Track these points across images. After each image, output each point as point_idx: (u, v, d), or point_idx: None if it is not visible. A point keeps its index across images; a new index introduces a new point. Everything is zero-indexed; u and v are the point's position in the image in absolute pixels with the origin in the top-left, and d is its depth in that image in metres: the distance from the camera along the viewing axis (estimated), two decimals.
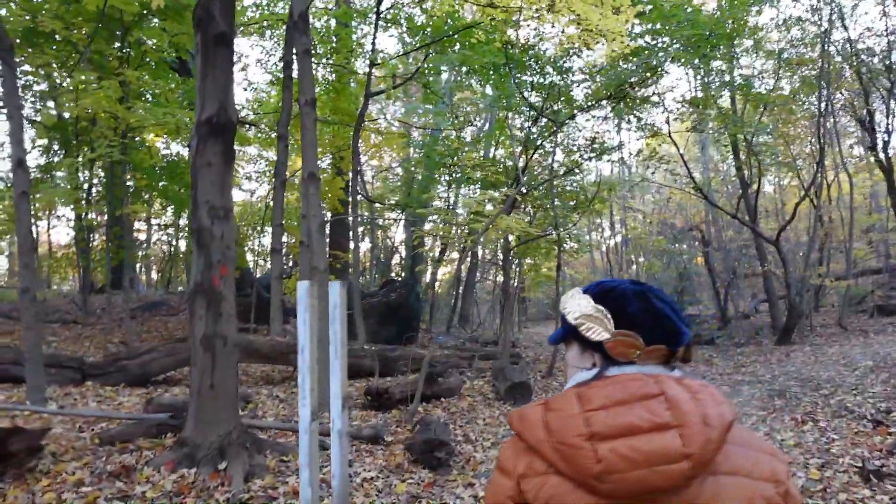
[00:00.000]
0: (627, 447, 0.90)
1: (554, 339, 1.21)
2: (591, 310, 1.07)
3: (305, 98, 6.88)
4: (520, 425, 1.02)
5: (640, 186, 29.20)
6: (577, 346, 1.11)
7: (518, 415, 1.04)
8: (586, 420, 0.94)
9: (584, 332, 1.06)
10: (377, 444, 5.37)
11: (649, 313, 1.06)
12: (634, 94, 11.87)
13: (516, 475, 0.99)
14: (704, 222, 24.91)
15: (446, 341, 16.86)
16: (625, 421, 0.92)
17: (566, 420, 0.95)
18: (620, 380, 1.00)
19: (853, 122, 22.79)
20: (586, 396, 0.98)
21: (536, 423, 0.98)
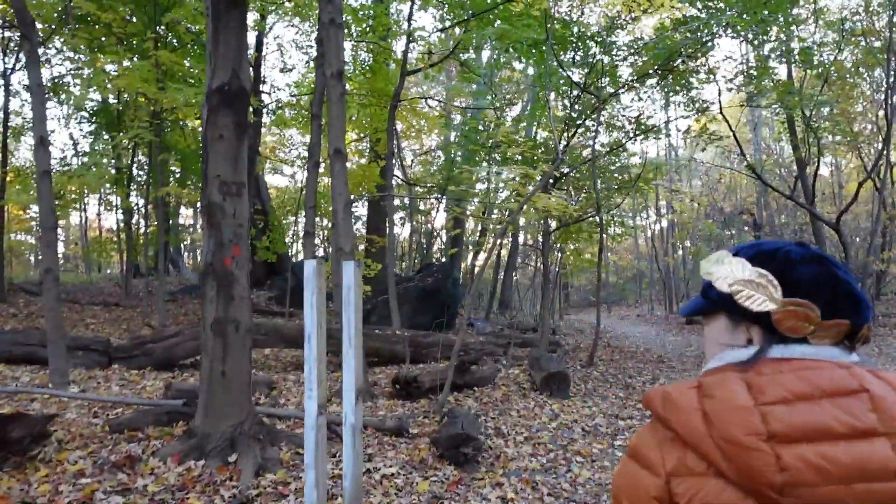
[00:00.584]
0: (820, 455, 0.73)
1: (689, 311, 1.00)
2: (751, 274, 0.88)
3: (332, 70, 6.53)
4: (665, 410, 0.83)
5: (687, 170, 28.16)
6: (727, 319, 0.92)
7: (661, 396, 0.85)
8: (763, 416, 0.76)
9: (743, 300, 0.88)
10: (401, 437, 5.03)
11: (826, 279, 0.86)
12: (684, 68, 11.14)
13: (665, 472, 0.81)
14: (755, 205, 23.82)
15: (484, 327, 16.50)
16: (815, 421, 0.75)
17: (734, 412, 0.77)
18: (798, 366, 0.81)
19: None
20: (757, 385, 0.79)
21: (690, 411, 0.80)
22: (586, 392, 7.78)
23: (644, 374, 9.26)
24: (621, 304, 34.17)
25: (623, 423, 6.15)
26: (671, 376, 9.07)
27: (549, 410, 6.61)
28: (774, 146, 27.04)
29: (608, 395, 7.60)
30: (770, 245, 0.93)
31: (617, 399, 7.40)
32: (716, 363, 0.91)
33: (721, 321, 0.94)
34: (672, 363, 10.44)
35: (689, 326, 17.90)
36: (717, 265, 0.94)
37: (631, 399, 7.41)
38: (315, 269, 3.28)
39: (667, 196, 26.39)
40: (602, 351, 12.12)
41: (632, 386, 8.27)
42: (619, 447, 5.32)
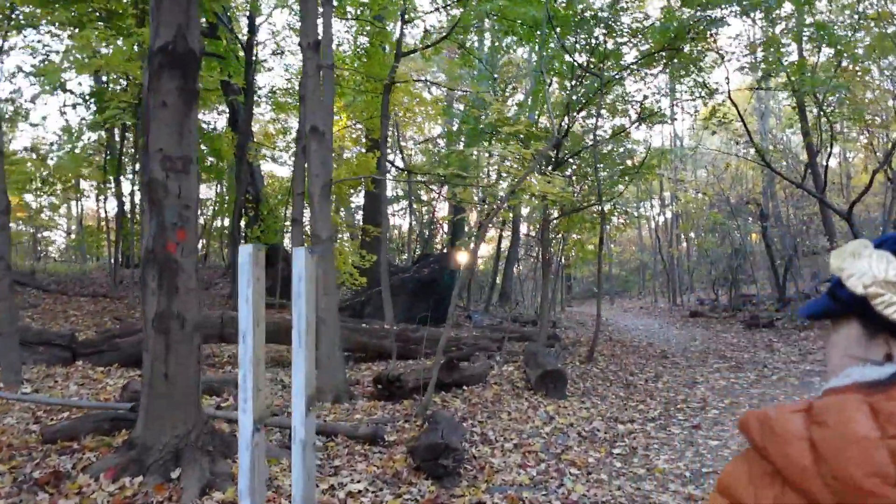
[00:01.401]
0: None
1: (811, 312, 0.81)
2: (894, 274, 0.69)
3: (308, 40, 5.99)
4: (763, 437, 0.67)
5: (693, 160, 27.52)
6: (860, 326, 0.74)
7: (759, 420, 0.68)
8: (892, 453, 0.59)
9: (882, 308, 0.69)
10: (376, 446, 4.53)
11: None
12: (690, 49, 10.56)
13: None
14: (763, 195, 23.20)
15: (482, 320, 16.00)
16: None
17: (852, 446, 0.60)
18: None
19: None
20: (887, 412, 0.61)
21: (794, 440, 0.64)
22: (584, 391, 7.27)
23: (646, 371, 8.74)
24: (624, 295, 33.64)
25: (623, 428, 5.63)
26: (675, 374, 8.55)
27: (544, 412, 6.11)
28: (781, 136, 26.39)
29: (608, 395, 7.08)
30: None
31: (617, 399, 6.89)
32: (839, 381, 0.73)
33: (853, 328, 0.76)
34: (676, 359, 9.92)
35: (693, 319, 17.37)
36: (851, 259, 0.76)
37: (632, 399, 6.90)
38: (251, 257, 2.75)
39: (671, 187, 25.81)
40: (603, 345, 11.60)
41: (633, 384, 7.75)
42: (617, 456, 4.81)
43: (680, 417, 6.05)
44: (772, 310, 16.38)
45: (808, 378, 7.77)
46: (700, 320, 16.85)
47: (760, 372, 8.35)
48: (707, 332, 13.89)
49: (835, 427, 0.63)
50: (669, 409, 6.40)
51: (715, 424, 5.73)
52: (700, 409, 6.36)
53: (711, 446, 5.01)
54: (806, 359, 9.23)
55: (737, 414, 6.05)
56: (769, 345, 10.91)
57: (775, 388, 7.32)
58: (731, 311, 17.66)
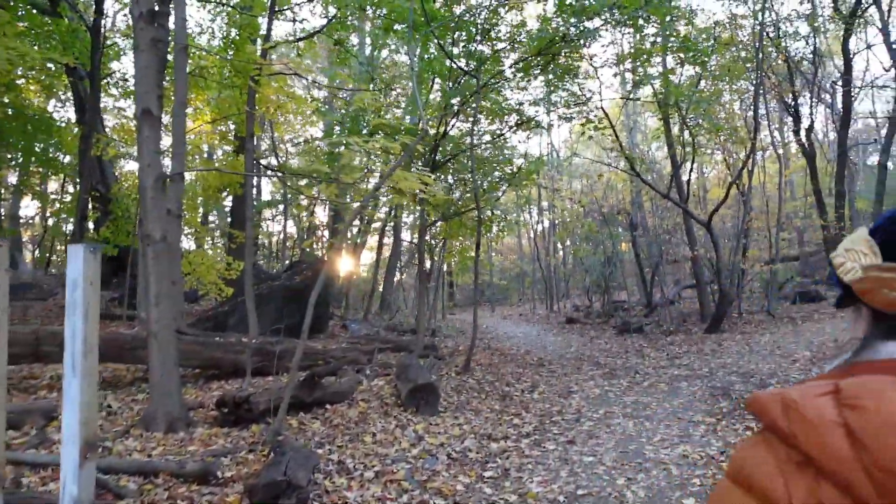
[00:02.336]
0: None
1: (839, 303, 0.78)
2: (856, 241, 0.71)
3: (140, 10, 5.12)
4: (790, 423, 0.60)
5: (568, 170, 28.50)
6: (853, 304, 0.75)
7: (784, 403, 0.61)
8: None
9: (843, 274, 0.71)
10: (207, 485, 3.79)
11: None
12: (566, 58, 10.61)
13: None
14: (632, 206, 24.36)
15: (359, 330, 15.32)
16: None
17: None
18: None
19: (774, 108, 22.71)
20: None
21: (826, 427, 0.58)
22: (459, 405, 6.84)
23: (523, 381, 8.50)
24: (505, 303, 34.16)
25: (496, 447, 5.23)
26: (551, 383, 8.38)
27: (412, 432, 5.59)
28: (647, 150, 27.96)
29: (483, 409, 6.70)
30: None
31: (492, 413, 6.52)
32: (836, 361, 0.71)
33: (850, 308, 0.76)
34: (552, 367, 9.81)
35: (569, 325, 17.70)
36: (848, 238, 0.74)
37: (507, 412, 6.56)
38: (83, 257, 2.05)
39: (549, 196, 26.51)
40: (481, 354, 11.34)
41: (509, 396, 7.45)
42: (488, 480, 4.38)
43: (555, 431, 5.76)
44: (641, 315, 17.04)
45: (677, 383, 7.84)
46: (576, 326, 17.19)
47: (632, 378, 8.36)
48: (582, 339, 14.10)
49: (874, 411, 0.57)
50: (545, 423, 6.11)
51: (590, 438, 5.48)
52: (575, 422, 6.12)
53: (586, 463, 4.72)
54: (673, 363, 9.43)
55: (611, 426, 5.87)
56: (640, 350, 11.13)
57: (647, 394, 7.28)
58: (604, 317, 18.21)
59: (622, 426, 5.83)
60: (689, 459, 4.67)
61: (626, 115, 29.25)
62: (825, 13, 19.62)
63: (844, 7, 17.78)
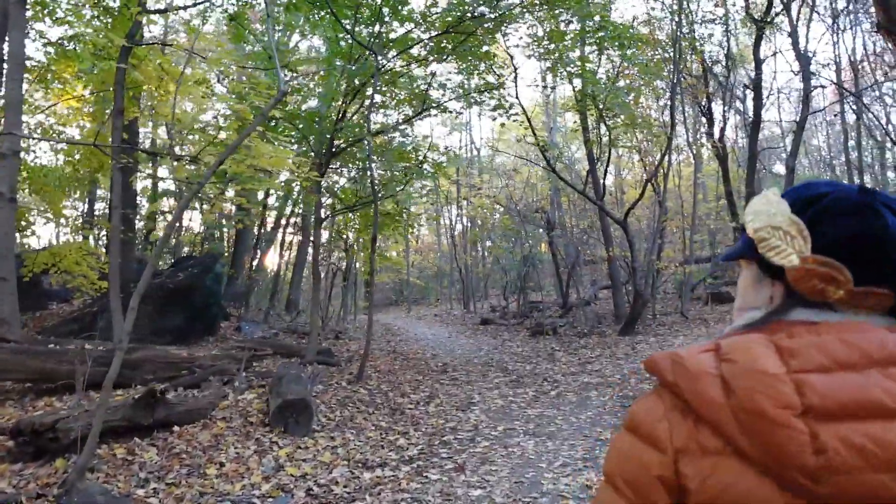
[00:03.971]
0: (867, 436, 0.60)
1: (727, 256, 0.86)
2: (782, 220, 0.74)
3: None
4: (675, 374, 0.69)
5: (490, 169, 28.01)
6: (756, 270, 0.79)
7: (671, 359, 0.71)
8: (797, 385, 0.62)
9: (764, 250, 0.74)
10: None
11: (869, 237, 0.71)
12: (479, 38, 9.84)
13: (673, 448, 0.67)
14: (550, 205, 24.10)
15: (254, 332, 14.03)
16: (862, 395, 0.62)
17: (761, 379, 0.63)
18: (841, 328, 0.68)
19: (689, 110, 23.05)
20: (789, 349, 0.66)
21: (705, 376, 0.67)
22: (339, 422, 5.88)
23: (421, 391, 7.64)
24: (423, 303, 33.35)
25: (369, 477, 4.32)
26: (452, 392, 7.55)
27: (272, 460, 4.60)
28: (566, 150, 27.90)
29: (366, 426, 5.77)
30: (816, 188, 0.77)
31: (376, 432, 5.60)
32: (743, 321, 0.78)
33: (752, 271, 0.80)
34: (456, 373, 9.01)
35: (483, 327, 17.05)
36: (759, 202, 0.78)
37: (394, 430, 5.66)
38: None
39: (466, 193, 25.90)
40: (383, 359, 10.41)
41: (401, 409, 6.55)
42: None
43: (444, 454, 4.91)
44: (556, 316, 16.61)
45: (586, 392, 7.19)
46: (490, 328, 16.54)
47: (540, 387, 7.66)
48: (494, 341, 13.43)
49: (743, 363, 0.65)
50: (434, 444, 5.25)
51: (482, 463, 4.66)
52: (469, 441, 5.29)
53: (472, 500, 3.89)
54: (585, 369, 8.82)
55: (509, 447, 5.07)
56: (551, 354, 10.52)
57: (553, 407, 6.57)
58: (519, 318, 17.67)
59: (522, 447, 5.04)
60: (592, 492, 3.93)
61: (547, 114, 29.16)
62: (737, 18, 19.95)
63: (756, 12, 18.04)
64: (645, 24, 16.90)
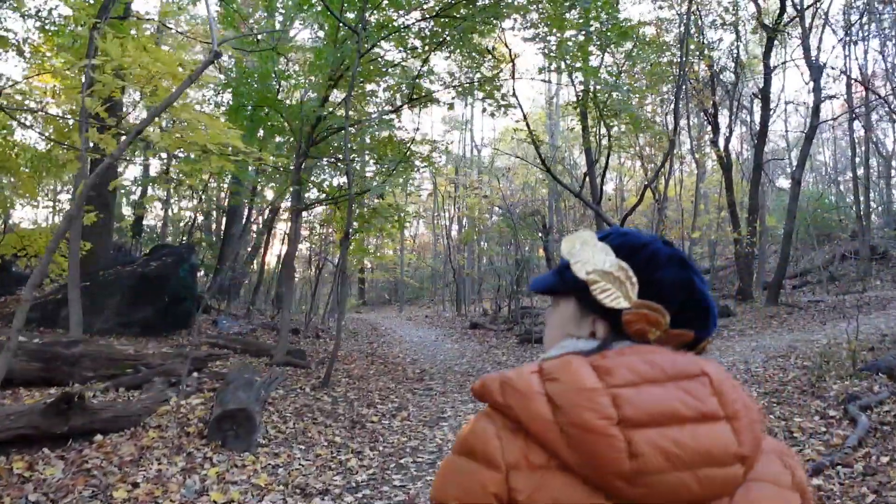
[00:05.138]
0: (670, 440, 0.68)
1: (540, 287, 0.92)
2: (612, 266, 0.81)
3: None
4: (505, 395, 0.74)
5: (490, 171, 27.39)
6: (576, 306, 0.85)
7: (499, 381, 0.76)
8: (613, 399, 0.70)
9: (598, 293, 0.80)
10: None
11: (685, 287, 0.82)
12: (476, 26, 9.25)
13: (505, 464, 0.71)
14: (548, 209, 23.52)
15: (231, 327, 13.45)
16: (664, 405, 0.70)
17: (583, 395, 0.70)
18: (641, 350, 0.77)
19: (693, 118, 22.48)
20: (603, 367, 0.73)
21: (532, 395, 0.72)
22: (290, 436, 5.28)
23: (390, 401, 7.03)
24: (416, 302, 32.75)
25: None
26: (423, 404, 6.95)
27: (196, 482, 3.99)
28: (567, 153, 27.33)
29: (318, 442, 5.16)
30: (637, 238, 0.86)
31: (327, 450, 4.99)
32: (556, 351, 0.83)
33: (570, 307, 0.86)
34: (433, 381, 8.41)
35: (472, 331, 16.46)
36: (583, 247, 0.85)
37: (347, 448, 5.05)
38: None
39: (462, 192, 25.32)
40: (361, 362, 9.83)
41: (363, 422, 5.95)
42: None
43: (396, 482, 4.31)
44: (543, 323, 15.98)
45: None
46: (478, 333, 15.95)
47: None
48: (480, 347, 12.83)
49: (566, 381, 0.72)
50: (389, 467, 4.64)
51: None
52: (429, 466, 4.68)
53: None
54: None
55: None
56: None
57: None
58: (509, 323, 17.06)
59: None
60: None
61: (549, 117, 28.60)
62: (748, 26, 19.37)
63: (768, 19, 17.45)
64: (651, 24, 16.34)
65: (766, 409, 5.68)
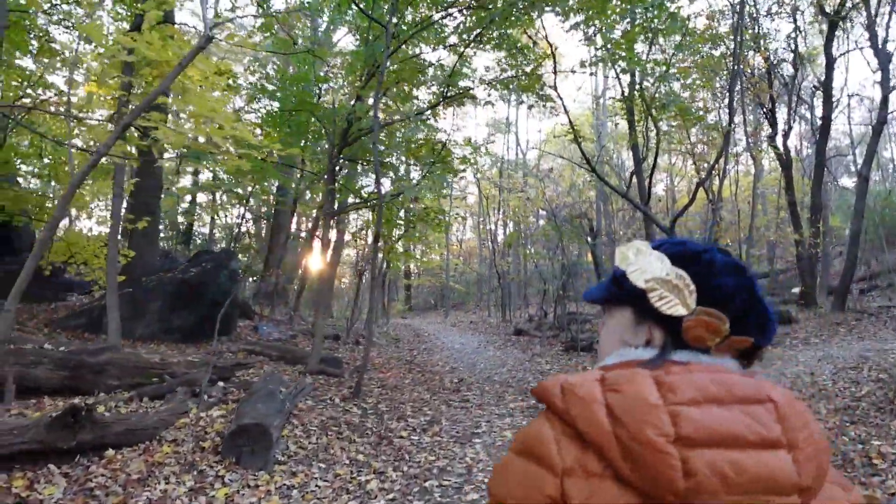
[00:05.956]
0: (729, 463, 0.66)
1: (595, 297, 0.92)
2: (669, 274, 0.81)
3: None
4: (565, 401, 0.74)
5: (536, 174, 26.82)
6: (632, 314, 0.85)
7: (560, 385, 0.76)
8: (672, 416, 0.69)
9: (656, 300, 0.80)
10: None
11: (743, 293, 0.81)
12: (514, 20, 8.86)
13: (561, 469, 0.70)
14: (596, 212, 22.80)
15: (271, 332, 13.38)
16: (726, 427, 0.69)
17: (643, 409, 0.69)
18: (710, 369, 0.75)
19: (749, 112, 21.36)
20: (667, 384, 0.72)
21: (594, 404, 0.72)
22: (310, 452, 4.97)
23: (423, 413, 6.67)
24: (462, 308, 32.37)
25: None
26: (457, 418, 6.56)
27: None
28: (615, 155, 26.53)
29: (339, 460, 4.84)
30: (695, 247, 0.85)
31: (348, 469, 4.66)
32: (615, 359, 0.84)
33: (626, 315, 0.86)
34: (471, 392, 8.00)
35: (516, 338, 15.99)
36: (638, 256, 0.86)
37: (369, 468, 4.70)
38: None
39: (507, 196, 24.85)
40: (398, 370, 9.51)
41: (389, 438, 5.59)
42: None
43: None
44: (593, 330, 15.37)
45: None
46: (522, 339, 15.45)
47: None
48: (523, 356, 12.35)
49: (629, 395, 0.70)
50: (412, 490, 4.27)
51: None
52: (455, 491, 4.29)
53: None
54: None
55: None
56: None
57: None
58: (555, 330, 16.49)
59: None
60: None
61: (596, 118, 27.81)
62: (807, 15, 18.26)
63: (829, 6, 16.41)
64: (703, 14, 15.54)
65: (838, 430, 5.07)
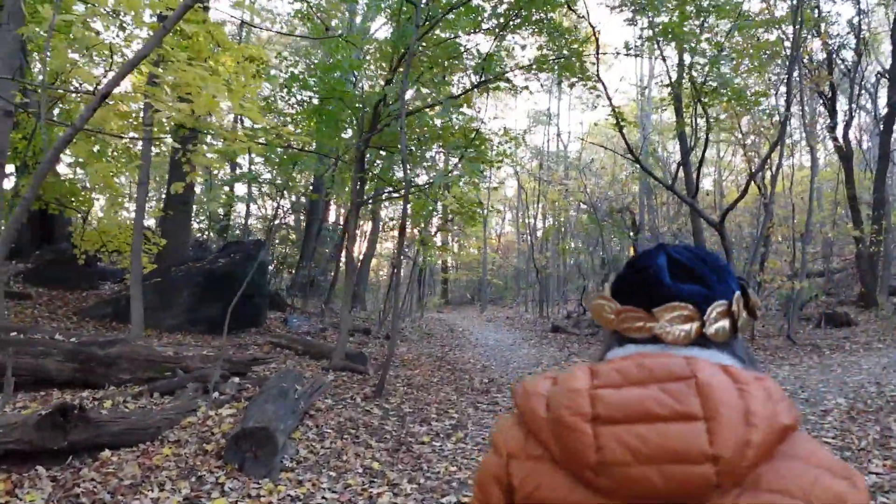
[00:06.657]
0: (633, 435, 0.71)
1: None
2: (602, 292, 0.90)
3: None
4: (521, 398, 0.84)
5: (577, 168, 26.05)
6: None
7: (523, 385, 0.86)
8: (592, 398, 0.75)
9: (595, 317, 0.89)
10: None
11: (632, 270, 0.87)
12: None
13: (506, 452, 0.82)
14: (639, 206, 21.95)
15: (300, 325, 13.16)
16: (636, 403, 0.73)
17: (569, 395, 0.77)
18: (641, 355, 0.80)
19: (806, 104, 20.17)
20: (598, 371, 0.79)
21: (538, 398, 0.80)
22: (322, 458, 4.59)
23: (448, 416, 6.24)
24: (499, 303, 31.85)
25: None
26: (484, 421, 6.11)
27: None
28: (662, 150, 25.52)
29: (352, 468, 4.44)
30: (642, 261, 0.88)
31: (360, 479, 4.25)
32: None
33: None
34: (499, 395, 7.54)
35: (553, 335, 15.43)
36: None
37: (383, 478, 4.29)
38: None
39: (545, 188, 24.17)
40: (423, 368, 9.11)
41: (408, 443, 5.18)
42: None
43: None
44: None
45: None
46: (559, 337, 14.89)
47: None
48: (559, 354, 11.81)
49: (561, 383, 0.79)
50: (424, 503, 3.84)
51: None
52: None
53: None
54: None
55: None
56: None
57: None
58: (593, 327, 15.86)
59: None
60: None
61: (641, 109, 26.83)
62: None
63: None
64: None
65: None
